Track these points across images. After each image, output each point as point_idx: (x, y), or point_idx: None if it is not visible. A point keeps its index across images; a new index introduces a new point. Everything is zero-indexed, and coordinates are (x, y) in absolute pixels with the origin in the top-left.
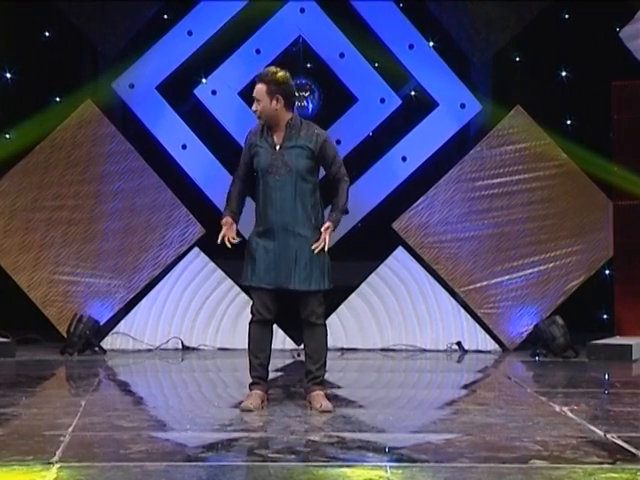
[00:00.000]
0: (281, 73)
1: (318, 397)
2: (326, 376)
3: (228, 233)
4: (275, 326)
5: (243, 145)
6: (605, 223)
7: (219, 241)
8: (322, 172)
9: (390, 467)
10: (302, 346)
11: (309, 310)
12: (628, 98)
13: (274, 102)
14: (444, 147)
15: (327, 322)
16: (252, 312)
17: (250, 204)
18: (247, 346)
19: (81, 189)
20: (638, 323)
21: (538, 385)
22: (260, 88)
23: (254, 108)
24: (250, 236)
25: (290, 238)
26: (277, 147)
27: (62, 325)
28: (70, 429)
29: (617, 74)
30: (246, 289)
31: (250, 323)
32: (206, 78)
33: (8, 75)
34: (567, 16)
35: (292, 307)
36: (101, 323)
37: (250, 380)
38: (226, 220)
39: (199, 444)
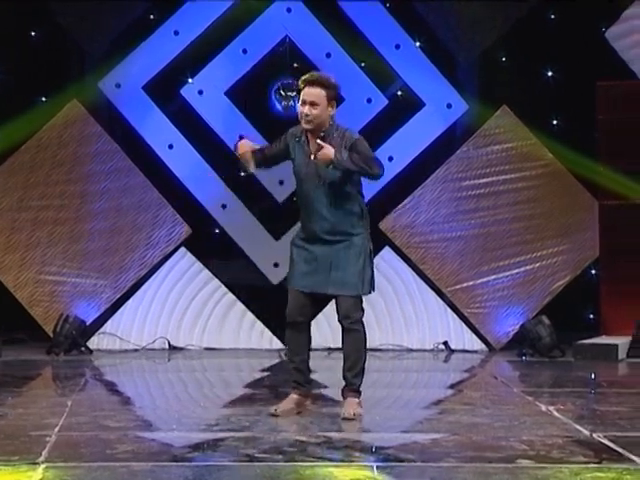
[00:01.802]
0: (334, 80)
1: (347, 404)
2: (314, 376)
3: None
4: (262, 326)
5: (283, 137)
6: (591, 223)
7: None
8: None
9: (377, 467)
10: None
11: (343, 313)
12: (613, 98)
13: (329, 109)
14: (430, 147)
15: (314, 322)
16: (286, 314)
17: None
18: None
19: (67, 189)
20: (624, 323)
21: (524, 385)
22: (320, 92)
23: (308, 112)
24: (293, 240)
25: (329, 245)
26: (312, 156)
27: (48, 325)
28: (56, 429)
29: (603, 74)
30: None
31: (285, 327)
32: (192, 78)
33: None
34: (553, 16)
35: (280, 307)
36: (87, 323)
37: (290, 385)
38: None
39: (186, 444)
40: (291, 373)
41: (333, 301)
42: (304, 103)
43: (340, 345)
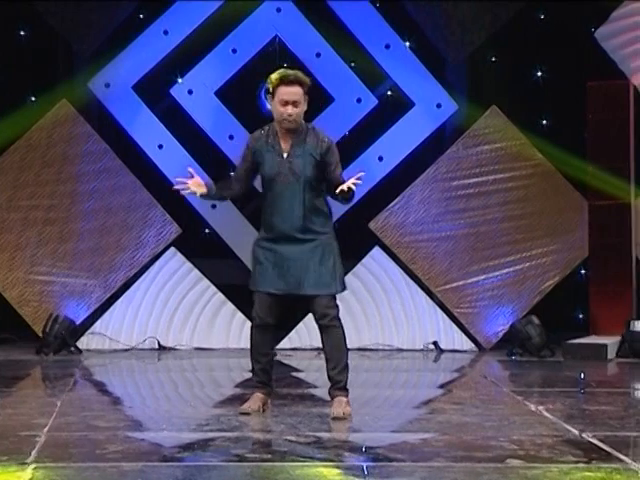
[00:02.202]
0: (306, 76)
1: (336, 403)
2: (302, 376)
3: (192, 182)
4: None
5: (245, 149)
6: (580, 223)
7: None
8: None
9: (366, 467)
10: (278, 346)
11: (320, 312)
12: (603, 98)
13: (305, 105)
14: (420, 147)
15: (303, 322)
16: (253, 316)
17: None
18: (250, 350)
19: (57, 189)
20: (613, 322)
21: (514, 384)
22: (299, 91)
23: (291, 112)
24: (256, 241)
25: (299, 246)
26: (284, 154)
27: (38, 325)
28: (45, 429)
29: (592, 74)
30: (232, 290)
31: (251, 327)
32: (182, 78)
33: None
34: (542, 16)
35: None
36: (77, 323)
37: (253, 384)
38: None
39: (175, 444)
40: (257, 373)
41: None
42: (286, 103)
43: None
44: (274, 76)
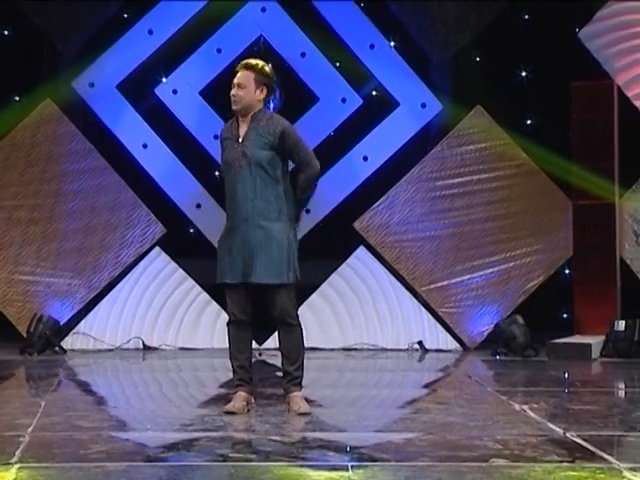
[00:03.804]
0: (269, 67)
1: (296, 399)
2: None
3: None
4: None
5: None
6: (565, 223)
7: None
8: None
9: (351, 466)
10: (262, 346)
11: (280, 309)
12: (588, 98)
13: (258, 92)
14: (405, 147)
15: None
16: (228, 314)
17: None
18: (228, 349)
19: (41, 188)
20: (597, 322)
21: (498, 384)
22: (247, 75)
23: (234, 92)
24: (220, 235)
25: (251, 230)
26: (240, 139)
27: (22, 325)
28: (30, 429)
29: (577, 74)
30: (216, 290)
31: (227, 325)
32: (167, 77)
33: None
34: (527, 16)
35: (254, 307)
36: (61, 323)
37: (235, 383)
38: None
39: (160, 444)
40: (236, 371)
41: (305, 302)
42: (233, 85)
43: (320, 345)
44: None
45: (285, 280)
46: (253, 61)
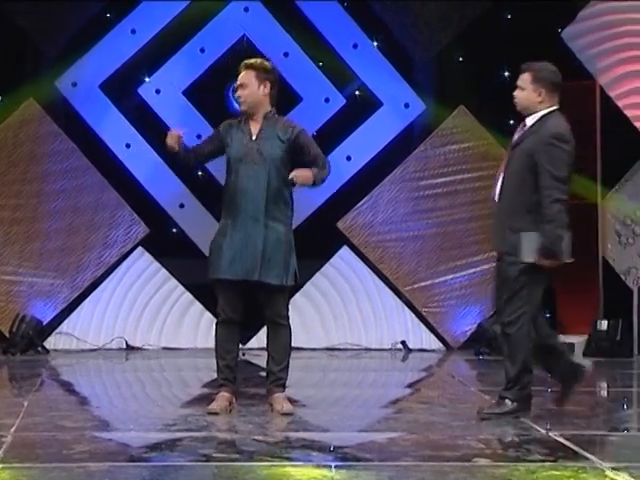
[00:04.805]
0: (269, 63)
1: (279, 399)
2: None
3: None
4: None
5: (214, 132)
6: None
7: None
8: None
9: (335, 466)
10: (246, 346)
11: (275, 310)
12: (569, 98)
13: (262, 87)
14: (388, 146)
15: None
16: (217, 312)
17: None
18: (214, 348)
19: (23, 188)
20: (580, 321)
21: (482, 384)
22: (248, 74)
23: (239, 94)
24: (217, 231)
25: (260, 228)
26: (253, 137)
27: (4, 325)
28: (12, 429)
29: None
30: (200, 290)
31: (216, 324)
32: (150, 77)
33: None
34: (510, 16)
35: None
36: (44, 323)
37: (219, 382)
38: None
39: (143, 444)
40: (221, 370)
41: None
42: (237, 87)
43: (303, 345)
44: None
45: (285, 282)
46: (252, 60)
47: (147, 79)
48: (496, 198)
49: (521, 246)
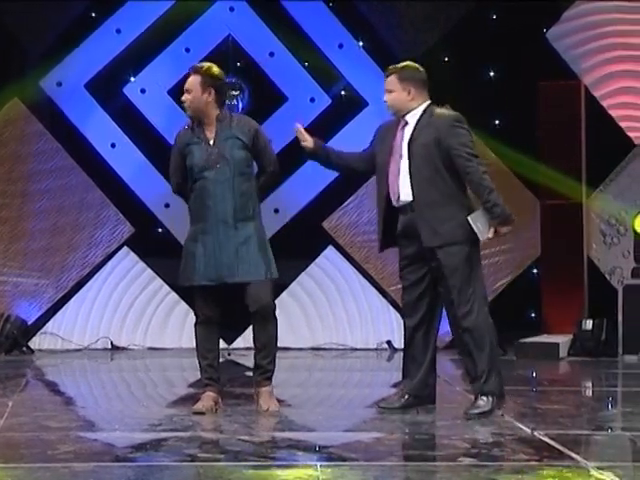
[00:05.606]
0: (216, 68)
1: (266, 395)
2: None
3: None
4: None
5: (173, 150)
6: (532, 222)
7: None
8: None
9: (320, 466)
10: (231, 345)
11: (261, 303)
12: (554, 98)
13: (205, 95)
14: None
15: None
16: (196, 313)
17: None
18: (195, 349)
19: (8, 188)
20: (565, 321)
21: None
22: (193, 79)
23: (184, 99)
24: (187, 238)
25: (230, 231)
26: (211, 141)
27: None
28: None
29: (544, 74)
30: (185, 290)
31: (195, 325)
32: (135, 76)
33: None
34: (495, 16)
35: (224, 307)
36: (29, 323)
37: (203, 382)
38: None
39: (128, 444)
40: (205, 370)
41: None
42: (184, 92)
43: (289, 345)
44: None
45: (268, 276)
46: (200, 64)
47: (132, 79)
48: (395, 203)
49: (475, 228)
